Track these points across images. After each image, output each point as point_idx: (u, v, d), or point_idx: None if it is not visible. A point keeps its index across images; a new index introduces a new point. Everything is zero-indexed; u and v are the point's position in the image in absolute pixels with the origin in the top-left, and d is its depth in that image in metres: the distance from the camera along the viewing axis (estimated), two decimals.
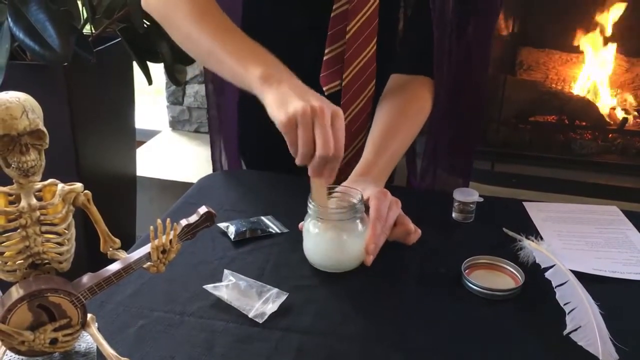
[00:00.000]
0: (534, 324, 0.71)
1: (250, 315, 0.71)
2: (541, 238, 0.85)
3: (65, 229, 0.57)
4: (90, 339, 0.62)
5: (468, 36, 1.07)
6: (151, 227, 0.60)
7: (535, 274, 0.79)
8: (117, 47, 1.69)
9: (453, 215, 0.95)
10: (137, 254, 0.60)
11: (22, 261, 0.56)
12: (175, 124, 2.67)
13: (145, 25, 1.59)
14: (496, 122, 2.17)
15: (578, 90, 2.20)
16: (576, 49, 2.18)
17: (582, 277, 0.77)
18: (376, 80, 1.06)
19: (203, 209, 0.63)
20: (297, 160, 0.76)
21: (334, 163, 0.76)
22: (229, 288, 0.74)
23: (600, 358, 0.65)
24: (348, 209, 0.79)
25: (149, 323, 0.70)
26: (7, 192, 0.55)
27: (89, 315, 0.60)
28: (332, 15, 1.01)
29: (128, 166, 1.96)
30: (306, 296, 0.75)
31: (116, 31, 1.64)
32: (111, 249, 0.61)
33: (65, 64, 1.44)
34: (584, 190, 2.01)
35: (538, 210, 0.98)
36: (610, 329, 0.68)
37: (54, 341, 0.57)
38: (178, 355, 0.65)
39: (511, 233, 0.88)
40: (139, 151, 2.26)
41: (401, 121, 1.01)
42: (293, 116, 0.74)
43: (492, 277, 0.79)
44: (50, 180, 0.57)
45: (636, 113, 2.17)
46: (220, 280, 0.77)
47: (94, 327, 0.60)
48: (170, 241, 0.61)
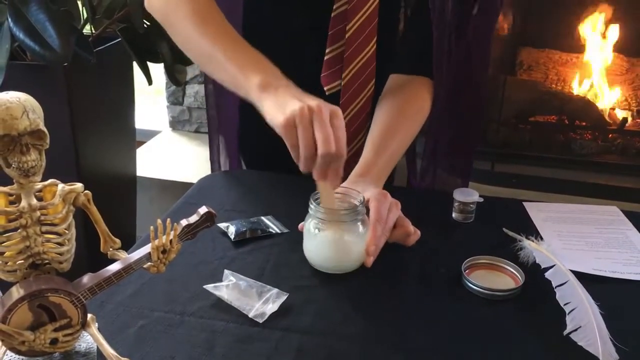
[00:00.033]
0: (534, 324, 0.72)
1: (250, 315, 0.71)
2: (541, 238, 0.85)
3: (65, 229, 0.57)
4: (90, 339, 0.62)
5: (468, 36, 1.07)
6: (151, 227, 0.60)
7: (535, 274, 0.79)
8: (117, 47, 1.69)
9: (453, 215, 0.95)
10: (138, 254, 0.60)
11: (23, 261, 0.56)
12: (175, 124, 2.67)
13: (145, 25, 1.59)
14: (496, 122, 2.17)
15: (578, 90, 2.20)
16: (576, 49, 2.18)
17: (582, 277, 0.77)
18: (376, 80, 1.06)
19: (203, 209, 0.63)
20: (301, 165, 0.75)
21: (338, 163, 0.75)
22: (229, 288, 0.74)
23: (600, 358, 0.65)
24: (350, 211, 0.79)
25: (149, 323, 0.70)
26: (8, 192, 0.55)
27: (89, 315, 0.60)
28: (333, 15, 1.01)
29: (128, 166, 1.96)
30: (306, 296, 0.75)
31: (116, 31, 1.64)
32: (111, 249, 0.61)
33: (65, 64, 1.44)
34: (584, 190, 2.00)
35: (538, 210, 0.99)
36: (610, 329, 0.68)
37: (55, 341, 0.57)
38: (178, 355, 0.65)
39: (511, 233, 0.88)
40: (139, 151, 2.26)
41: (400, 121, 1.01)
42: (291, 117, 0.73)
43: (492, 277, 0.79)
44: (50, 180, 0.57)
45: (636, 113, 2.17)
46: (220, 280, 0.77)
47: (94, 327, 0.60)
48: (170, 241, 0.61)
